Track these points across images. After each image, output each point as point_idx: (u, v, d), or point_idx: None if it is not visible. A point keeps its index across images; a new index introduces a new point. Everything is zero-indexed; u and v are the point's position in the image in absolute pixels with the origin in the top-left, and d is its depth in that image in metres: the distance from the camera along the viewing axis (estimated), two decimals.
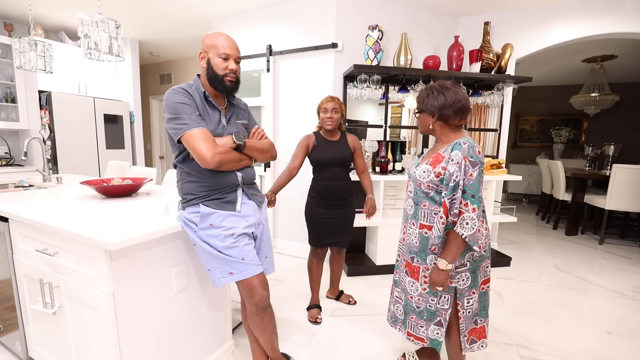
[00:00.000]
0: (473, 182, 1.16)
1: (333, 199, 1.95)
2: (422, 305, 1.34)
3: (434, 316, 1.32)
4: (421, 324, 1.36)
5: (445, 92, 1.24)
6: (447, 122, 1.27)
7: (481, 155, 1.20)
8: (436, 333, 1.33)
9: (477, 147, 1.21)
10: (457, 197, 1.17)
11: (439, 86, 1.27)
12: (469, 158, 1.17)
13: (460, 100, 1.24)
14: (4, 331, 1.64)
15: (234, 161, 1.25)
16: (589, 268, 3.00)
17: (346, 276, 2.73)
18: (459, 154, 1.18)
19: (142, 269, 1.22)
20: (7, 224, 1.44)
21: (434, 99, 1.26)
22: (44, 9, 3.31)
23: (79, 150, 3.73)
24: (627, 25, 2.85)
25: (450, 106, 1.23)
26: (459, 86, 1.28)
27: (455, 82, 1.30)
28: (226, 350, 1.71)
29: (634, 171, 3.43)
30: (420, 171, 1.30)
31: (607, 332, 1.99)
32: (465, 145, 1.19)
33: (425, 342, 1.36)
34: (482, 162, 1.20)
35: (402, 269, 1.43)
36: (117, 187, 1.75)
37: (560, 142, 6.27)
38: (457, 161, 1.17)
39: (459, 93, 1.25)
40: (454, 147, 1.21)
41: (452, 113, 1.24)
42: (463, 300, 1.31)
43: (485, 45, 2.95)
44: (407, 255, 1.39)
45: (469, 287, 1.30)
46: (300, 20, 2.97)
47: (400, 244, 1.47)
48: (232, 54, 1.23)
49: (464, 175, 1.16)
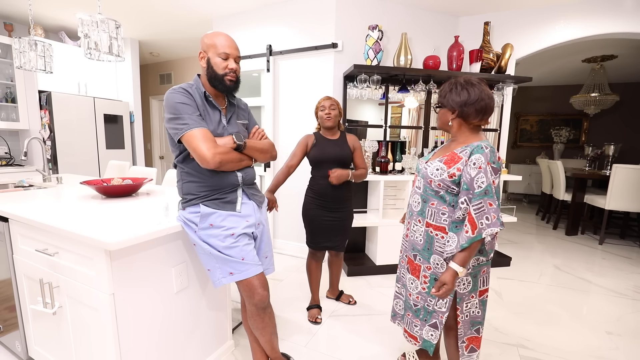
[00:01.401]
0: (496, 189, 1.12)
1: (331, 200, 1.94)
2: (419, 304, 1.32)
3: (430, 317, 1.30)
4: (416, 323, 1.34)
5: (470, 88, 1.17)
6: (466, 120, 1.20)
7: (500, 161, 1.16)
8: (430, 335, 1.30)
9: (497, 152, 1.16)
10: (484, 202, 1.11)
11: (464, 81, 1.20)
12: (492, 164, 1.12)
13: (484, 99, 1.17)
14: (4, 331, 1.64)
15: (234, 161, 1.25)
16: (589, 268, 3.00)
17: (346, 276, 2.73)
18: (482, 158, 1.12)
19: (142, 269, 1.22)
20: (7, 224, 1.44)
21: (456, 95, 1.19)
22: (44, 9, 3.30)
23: (79, 150, 3.73)
24: (627, 25, 2.85)
25: (472, 104, 1.16)
26: (486, 84, 1.21)
27: (482, 79, 1.22)
28: (226, 350, 1.71)
29: (634, 171, 3.43)
30: (432, 168, 1.24)
31: (607, 332, 1.98)
32: (487, 150, 1.13)
33: (418, 341, 1.34)
34: (501, 170, 1.16)
35: (404, 265, 1.41)
36: (117, 187, 1.75)
37: (560, 142, 6.27)
38: (479, 166, 1.11)
39: (484, 91, 1.18)
40: (474, 150, 1.15)
41: (473, 111, 1.17)
42: (462, 304, 1.29)
43: (485, 45, 2.95)
44: (410, 252, 1.37)
45: (469, 291, 1.28)
46: (300, 20, 2.97)
47: (403, 240, 1.44)
48: (232, 54, 1.23)
49: (490, 181, 1.11)
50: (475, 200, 1.12)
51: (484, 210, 1.11)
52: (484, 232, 1.10)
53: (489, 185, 1.10)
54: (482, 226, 1.10)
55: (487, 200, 1.11)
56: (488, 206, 1.11)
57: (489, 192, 1.10)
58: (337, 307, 2.23)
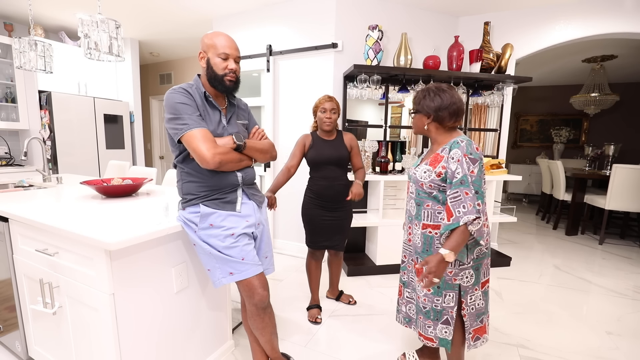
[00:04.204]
0: (475, 179, 1.19)
1: (330, 200, 1.94)
2: (428, 305, 1.36)
3: (440, 315, 1.34)
4: (428, 324, 1.38)
5: (442, 94, 1.28)
6: (442, 124, 1.31)
7: (479, 152, 1.23)
8: (444, 332, 1.35)
9: (474, 144, 1.25)
10: (460, 192, 1.18)
11: (436, 88, 1.31)
12: (469, 155, 1.20)
13: (456, 102, 1.28)
14: (4, 331, 1.64)
15: (234, 161, 1.25)
16: (589, 268, 3.00)
17: (346, 276, 2.73)
18: (459, 151, 1.21)
19: (142, 269, 1.22)
20: (7, 224, 1.44)
21: (430, 101, 1.30)
22: (44, 9, 3.31)
23: (79, 150, 3.73)
24: (627, 25, 2.85)
25: (446, 108, 1.27)
26: (455, 89, 1.32)
27: (451, 85, 1.34)
28: (226, 350, 1.71)
29: (634, 171, 3.43)
30: (420, 172, 1.33)
31: (607, 332, 1.99)
32: (463, 144, 1.22)
33: (434, 342, 1.37)
34: (482, 158, 1.23)
35: (411, 269, 1.47)
36: (117, 187, 1.75)
37: (560, 142, 6.27)
38: (457, 159, 1.20)
39: (455, 96, 1.29)
40: (452, 145, 1.24)
41: (447, 115, 1.28)
42: (467, 297, 1.33)
43: (485, 45, 2.95)
44: (414, 256, 1.42)
45: (472, 284, 1.32)
46: (300, 20, 2.97)
47: (406, 245, 1.51)
48: (232, 54, 1.23)
49: (467, 171, 1.18)
50: (452, 190, 1.20)
51: (460, 200, 1.18)
52: (461, 220, 1.16)
53: (465, 175, 1.18)
54: (459, 214, 1.17)
55: (463, 190, 1.18)
56: (464, 195, 1.17)
57: (465, 182, 1.18)
58: (337, 307, 2.23)
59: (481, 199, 1.18)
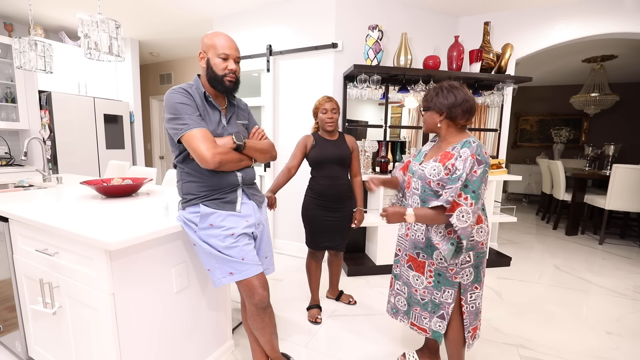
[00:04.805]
0: (476, 179, 1.19)
1: (331, 200, 1.94)
2: (427, 297, 1.39)
3: (437, 309, 1.37)
4: (425, 315, 1.41)
5: (455, 91, 1.28)
6: (454, 121, 1.30)
7: (487, 157, 1.24)
8: (438, 325, 1.38)
9: (484, 148, 1.25)
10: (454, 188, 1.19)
11: (449, 85, 1.30)
12: (477, 156, 1.21)
13: (469, 100, 1.27)
14: (4, 331, 1.64)
15: (234, 161, 1.25)
16: (589, 268, 3.00)
17: (346, 276, 2.73)
18: (468, 151, 1.21)
19: (142, 269, 1.22)
20: (7, 224, 1.44)
21: (443, 98, 1.29)
22: (44, 9, 3.31)
23: (79, 150, 3.73)
24: (627, 25, 2.85)
25: (459, 105, 1.26)
26: (466, 87, 1.32)
27: (462, 83, 1.35)
28: (226, 350, 1.71)
29: (634, 171, 3.43)
30: (429, 169, 1.31)
31: (607, 332, 1.99)
32: (474, 144, 1.23)
33: (427, 332, 1.41)
34: (488, 163, 1.23)
35: (404, 264, 1.48)
36: (117, 187, 1.75)
37: (560, 142, 6.27)
38: (465, 157, 1.21)
39: (468, 93, 1.29)
40: (464, 144, 1.24)
41: (460, 112, 1.27)
42: (467, 295, 1.34)
43: (485, 45, 2.95)
44: (412, 250, 1.43)
45: (472, 282, 1.34)
46: (300, 20, 2.97)
47: (402, 239, 1.51)
48: (232, 54, 1.23)
49: (468, 171, 1.19)
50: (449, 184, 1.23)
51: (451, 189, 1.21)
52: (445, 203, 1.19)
53: (464, 174, 1.20)
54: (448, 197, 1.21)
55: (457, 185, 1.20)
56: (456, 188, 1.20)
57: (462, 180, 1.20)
58: (337, 307, 2.23)
59: (476, 200, 1.18)
